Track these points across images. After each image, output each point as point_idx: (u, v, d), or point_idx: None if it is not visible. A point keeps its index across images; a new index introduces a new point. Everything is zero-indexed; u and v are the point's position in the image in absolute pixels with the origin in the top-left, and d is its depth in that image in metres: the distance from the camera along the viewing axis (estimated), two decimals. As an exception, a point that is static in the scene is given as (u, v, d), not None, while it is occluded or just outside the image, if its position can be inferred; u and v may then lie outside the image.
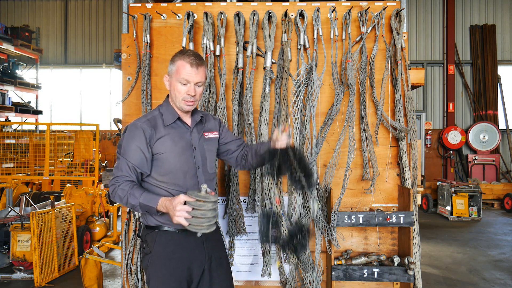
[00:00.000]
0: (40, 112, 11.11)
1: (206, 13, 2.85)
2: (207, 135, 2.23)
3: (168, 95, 2.19)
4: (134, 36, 2.94)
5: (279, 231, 2.24)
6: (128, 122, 2.95)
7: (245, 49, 2.88)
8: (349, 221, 2.76)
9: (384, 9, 2.87)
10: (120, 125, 3.52)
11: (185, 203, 1.84)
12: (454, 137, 11.43)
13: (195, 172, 2.12)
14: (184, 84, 2.05)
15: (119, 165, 2.03)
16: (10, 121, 10.34)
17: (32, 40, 11.27)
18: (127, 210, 2.88)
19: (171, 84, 2.10)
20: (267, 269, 2.83)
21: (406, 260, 2.71)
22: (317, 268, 2.81)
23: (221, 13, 2.88)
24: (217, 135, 2.29)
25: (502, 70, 12.15)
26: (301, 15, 2.88)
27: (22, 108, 10.25)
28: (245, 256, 2.94)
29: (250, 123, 2.77)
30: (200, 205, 1.83)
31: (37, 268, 4.46)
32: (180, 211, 1.82)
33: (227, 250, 2.81)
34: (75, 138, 7.93)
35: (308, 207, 2.74)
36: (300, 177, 2.07)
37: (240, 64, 2.84)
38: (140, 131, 2.04)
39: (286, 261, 2.79)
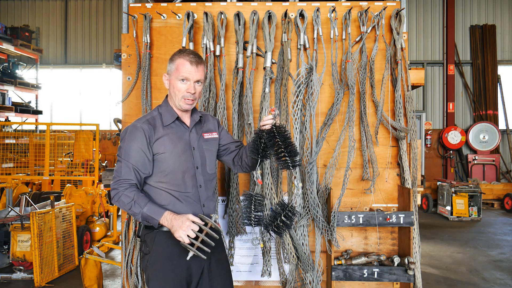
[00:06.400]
0: (40, 112, 11.11)
1: (206, 13, 2.85)
2: (206, 136, 2.23)
3: (167, 95, 2.20)
4: (134, 36, 2.94)
5: (262, 211, 2.22)
6: (128, 122, 2.95)
7: (245, 49, 2.88)
8: (349, 221, 2.76)
9: (384, 9, 2.87)
10: (120, 125, 3.52)
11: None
12: (454, 137, 11.43)
13: (194, 172, 2.12)
14: (183, 82, 2.05)
15: (120, 167, 2.01)
16: (10, 121, 10.33)
17: (32, 40, 11.27)
18: (127, 210, 2.87)
19: (171, 83, 2.10)
20: (267, 269, 2.83)
21: (406, 260, 2.71)
22: (317, 268, 2.81)
23: (221, 13, 2.88)
24: (217, 136, 2.28)
25: (502, 70, 12.15)
26: (301, 15, 2.88)
27: (22, 108, 10.24)
28: (245, 256, 2.94)
29: (250, 123, 2.77)
30: (206, 230, 1.92)
31: (37, 268, 4.46)
32: (188, 227, 1.86)
33: (227, 250, 2.82)
34: (75, 138, 7.92)
35: (292, 187, 2.70)
36: (285, 155, 2.05)
37: (240, 64, 2.84)
38: (141, 132, 2.03)
39: (286, 261, 2.79)
